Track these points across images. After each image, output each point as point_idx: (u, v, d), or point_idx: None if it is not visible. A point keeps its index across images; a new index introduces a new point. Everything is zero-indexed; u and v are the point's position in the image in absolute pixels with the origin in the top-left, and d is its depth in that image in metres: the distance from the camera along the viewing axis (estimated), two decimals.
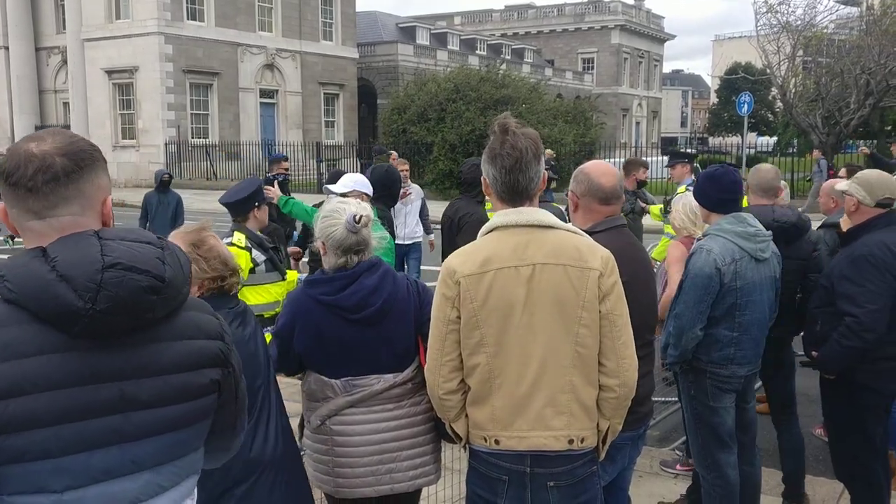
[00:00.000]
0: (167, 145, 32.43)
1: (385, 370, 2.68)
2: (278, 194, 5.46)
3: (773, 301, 3.83)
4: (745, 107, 24.40)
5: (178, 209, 10.90)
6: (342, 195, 4.51)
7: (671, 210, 4.76)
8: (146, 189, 29.99)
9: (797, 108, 25.02)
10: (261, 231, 4.73)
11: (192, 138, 33.41)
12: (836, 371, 3.86)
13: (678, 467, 4.94)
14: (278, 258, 4.60)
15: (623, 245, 2.85)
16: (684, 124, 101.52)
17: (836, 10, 26.82)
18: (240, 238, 4.42)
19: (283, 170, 9.53)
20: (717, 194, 3.78)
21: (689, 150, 9.34)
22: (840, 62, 24.43)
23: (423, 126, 28.66)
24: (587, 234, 2.51)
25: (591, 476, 2.41)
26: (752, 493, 4.04)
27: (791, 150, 33.06)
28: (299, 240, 7.25)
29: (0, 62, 37.04)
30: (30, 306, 1.37)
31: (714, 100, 72.22)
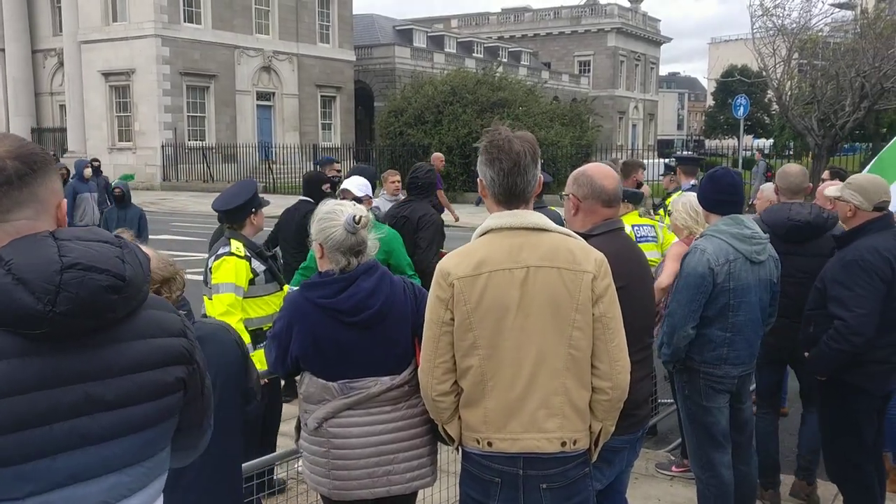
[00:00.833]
0: (164, 147, 32.40)
1: (382, 373, 2.68)
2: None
3: (769, 304, 3.86)
4: (742, 109, 24.48)
5: (142, 225, 9.67)
6: (358, 198, 4.60)
7: (671, 211, 4.78)
8: (142, 191, 29.96)
9: (793, 110, 25.06)
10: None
11: (189, 140, 33.37)
12: (826, 373, 3.89)
13: (674, 469, 4.96)
14: (276, 266, 4.38)
15: (620, 248, 2.87)
16: (681, 127, 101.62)
17: (831, 13, 26.88)
18: (238, 247, 4.17)
19: (336, 171, 9.42)
20: (714, 195, 3.83)
21: (692, 154, 9.39)
22: (835, 65, 24.48)
23: (420, 128, 28.70)
24: (584, 237, 2.53)
25: (583, 478, 2.43)
26: (748, 492, 4.06)
27: (787, 152, 33.11)
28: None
29: None
30: None
31: (710, 102, 72.41)
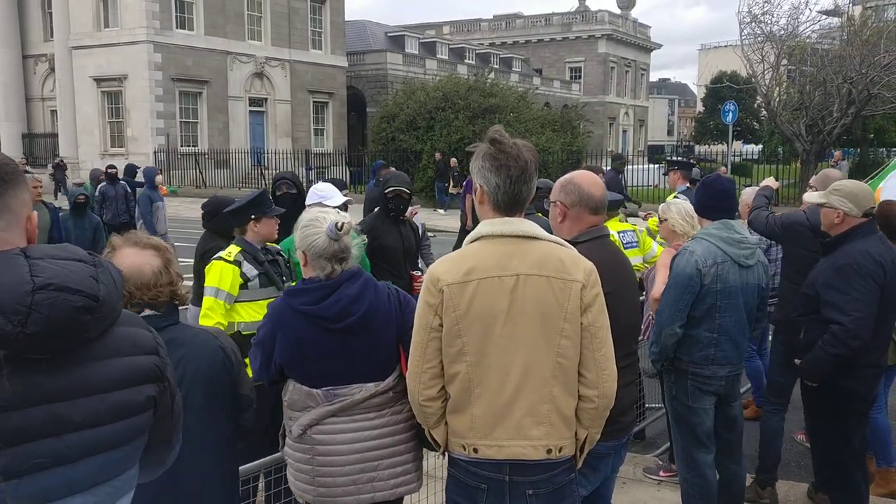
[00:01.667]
0: (156, 153, 32.31)
1: (366, 379, 2.68)
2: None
3: (754, 308, 3.91)
4: (731, 115, 24.59)
5: (98, 236, 9.34)
6: (342, 206, 4.56)
7: (664, 216, 4.84)
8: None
9: (781, 116, 25.24)
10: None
11: (182, 146, 33.28)
12: (820, 379, 3.91)
13: (661, 474, 4.99)
14: (277, 271, 4.31)
15: (606, 256, 2.89)
16: (671, 132, 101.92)
17: (819, 20, 27.10)
18: (230, 251, 4.20)
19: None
20: (706, 200, 3.92)
21: (686, 159, 9.56)
22: (823, 71, 24.68)
23: (413, 134, 28.72)
24: (571, 245, 2.55)
25: (569, 484, 2.44)
26: (737, 491, 4.11)
27: (776, 157, 33.29)
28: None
29: None
30: None
31: (700, 108, 72.57)
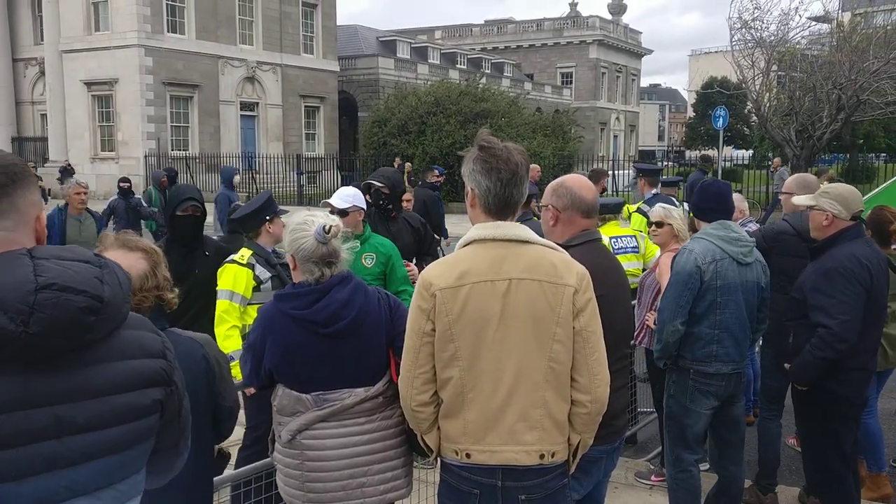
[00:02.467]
0: (147, 157, 32.20)
1: (356, 384, 2.66)
2: None
3: (755, 306, 3.95)
4: (721, 121, 24.70)
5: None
6: (343, 210, 4.51)
7: (667, 220, 4.85)
8: None
9: (771, 121, 25.35)
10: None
11: (172, 150, 33.17)
12: (809, 382, 3.93)
13: (653, 478, 4.99)
14: (289, 274, 4.38)
15: (598, 259, 2.89)
16: (661, 138, 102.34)
17: (809, 26, 27.24)
18: (243, 255, 4.25)
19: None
20: (703, 203, 4.00)
21: (657, 165, 9.87)
22: (812, 77, 24.81)
23: (404, 139, 28.76)
24: (563, 249, 2.54)
25: (562, 489, 2.44)
26: (736, 493, 4.15)
27: (767, 163, 33.47)
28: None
29: None
30: None
31: (691, 113, 72.93)
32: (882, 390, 5.01)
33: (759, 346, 5.59)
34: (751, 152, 44.97)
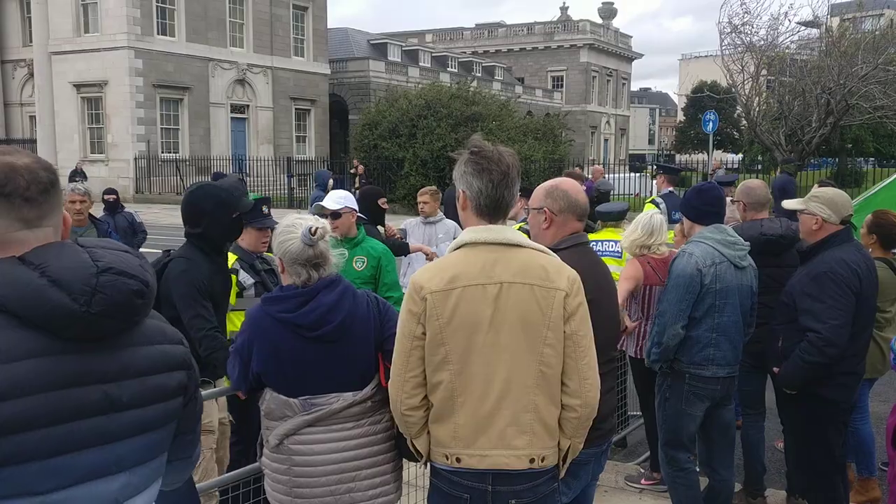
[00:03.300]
0: (137, 160, 32.09)
1: (344, 388, 2.64)
2: None
3: (749, 310, 3.98)
4: (711, 125, 24.84)
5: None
6: (335, 212, 4.51)
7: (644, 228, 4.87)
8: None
9: (761, 126, 25.49)
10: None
11: (162, 153, 33.08)
12: (798, 386, 3.94)
13: (643, 482, 4.99)
14: (273, 280, 4.18)
15: (587, 263, 2.90)
16: (652, 141, 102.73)
17: (798, 31, 27.43)
18: (227, 259, 4.07)
19: None
20: (703, 206, 4.00)
21: (674, 166, 9.89)
22: (802, 82, 24.96)
23: (395, 142, 28.74)
24: (553, 252, 2.54)
25: (552, 493, 2.44)
26: (725, 499, 4.17)
27: (756, 166, 33.65)
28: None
29: None
30: (17, 311, 1.39)
31: (681, 117, 73.25)
32: (874, 395, 5.02)
33: None
34: (740, 156, 45.18)
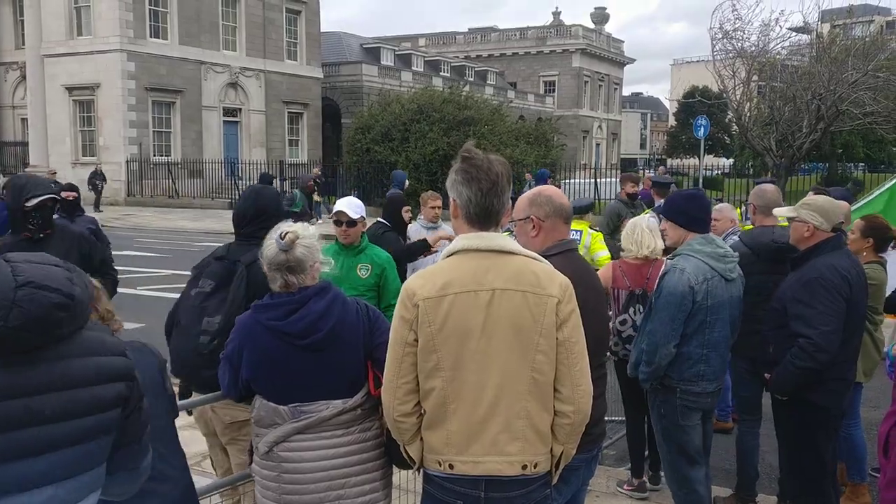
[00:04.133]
0: (128, 163, 32.00)
1: (334, 396, 2.64)
2: None
3: (737, 319, 3.97)
4: (702, 130, 24.92)
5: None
6: (352, 220, 4.53)
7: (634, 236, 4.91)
8: (106, 206, 29.40)
9: (752, 131, 25.62)
10: None
11: (154, 156, 32.98)
12: (789, 392, 3.95)
13: (625, 488, 4.95)
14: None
15: (576, 269, 2.89)
16: (643, 146, 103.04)
17: (788, 36, 27.55)
18: None
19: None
20: (695, 212, 3.94)
21: (667, 179, 9.95)
22: (792, 87, 25.11)
23: (387, 146, 28.75)
24: (544, 259, 2.55)
25: (545, 499, 2.44)
26: None
27: (747, 171, 33.77)
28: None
29: None
30: None
31: (672, 122, 73.55)
32: (867, 401, 5.06)
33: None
34: (731, 161, 45.38)
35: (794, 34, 28.08)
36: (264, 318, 2.64)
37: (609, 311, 4.74)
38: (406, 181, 11.88)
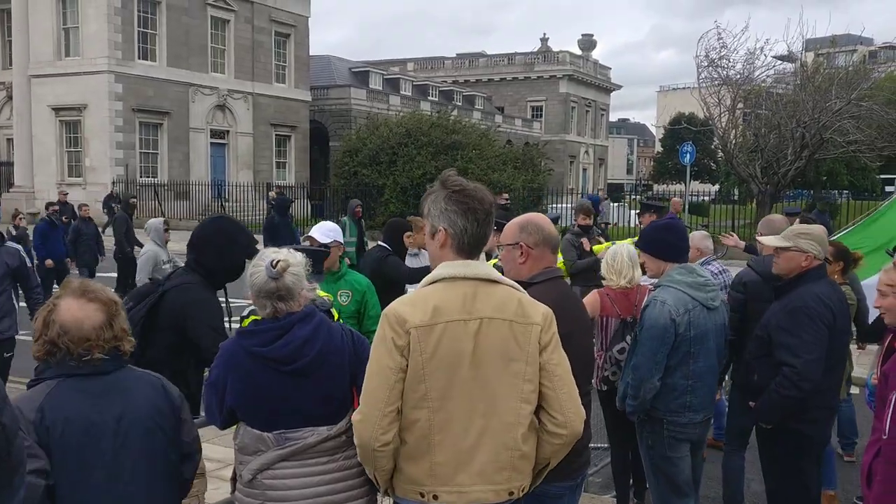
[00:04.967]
0: (115, 184, 31.85)
1: (319, 422, 2.62)
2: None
3: (723, 347, 3.95)
4: (688, 156, 25.12)
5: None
6: (325, 246, 4.49)
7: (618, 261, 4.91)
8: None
9: (737, 158, 25.87)
10: None
11: (141, 177, 32.86)
12: (775, 420, 3.94)
13: None
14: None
15: (561, 295, 2.91)
16: (630, 171, 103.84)
17: (773, 65, 27.95)
18: None
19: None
20: (677, 242, 3.93)
21: (660, 203, 9.83)
22: (777, 115, 25.43)
23: (375, 169, 28.85)
24: (526, 285, 2.56)
25: None
26: None
27: (732, 197, 34.05)
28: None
29: None
30: None
31: (659, 148, 74.18)
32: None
33: (727, 386, 5.60)
34: (717, 187, 45.74)
35: (779, 62, 28.52)
36: (249, 344, 2.62)
37: (594, 339, 4.70)
38: (358, 208, 13.09)
